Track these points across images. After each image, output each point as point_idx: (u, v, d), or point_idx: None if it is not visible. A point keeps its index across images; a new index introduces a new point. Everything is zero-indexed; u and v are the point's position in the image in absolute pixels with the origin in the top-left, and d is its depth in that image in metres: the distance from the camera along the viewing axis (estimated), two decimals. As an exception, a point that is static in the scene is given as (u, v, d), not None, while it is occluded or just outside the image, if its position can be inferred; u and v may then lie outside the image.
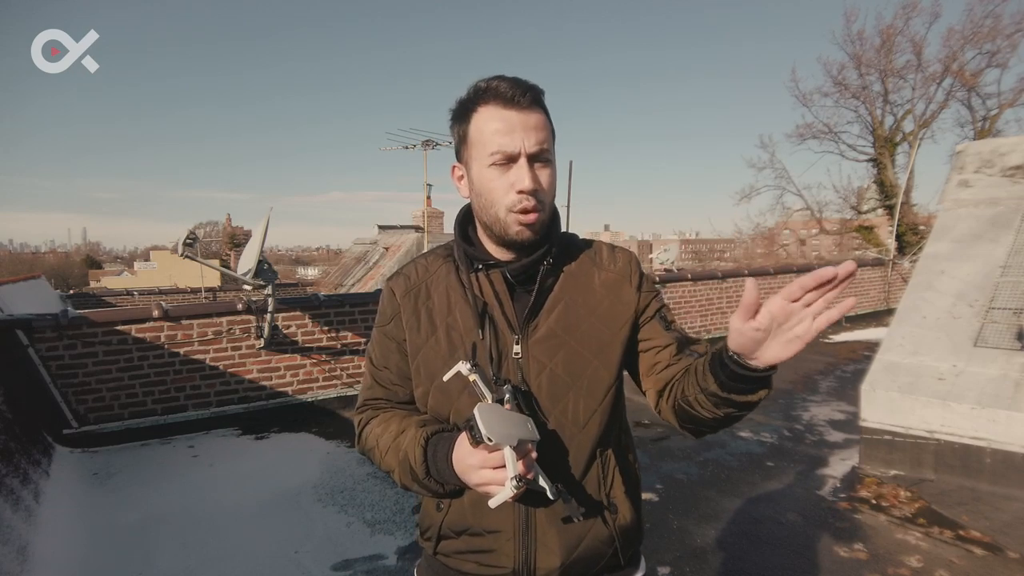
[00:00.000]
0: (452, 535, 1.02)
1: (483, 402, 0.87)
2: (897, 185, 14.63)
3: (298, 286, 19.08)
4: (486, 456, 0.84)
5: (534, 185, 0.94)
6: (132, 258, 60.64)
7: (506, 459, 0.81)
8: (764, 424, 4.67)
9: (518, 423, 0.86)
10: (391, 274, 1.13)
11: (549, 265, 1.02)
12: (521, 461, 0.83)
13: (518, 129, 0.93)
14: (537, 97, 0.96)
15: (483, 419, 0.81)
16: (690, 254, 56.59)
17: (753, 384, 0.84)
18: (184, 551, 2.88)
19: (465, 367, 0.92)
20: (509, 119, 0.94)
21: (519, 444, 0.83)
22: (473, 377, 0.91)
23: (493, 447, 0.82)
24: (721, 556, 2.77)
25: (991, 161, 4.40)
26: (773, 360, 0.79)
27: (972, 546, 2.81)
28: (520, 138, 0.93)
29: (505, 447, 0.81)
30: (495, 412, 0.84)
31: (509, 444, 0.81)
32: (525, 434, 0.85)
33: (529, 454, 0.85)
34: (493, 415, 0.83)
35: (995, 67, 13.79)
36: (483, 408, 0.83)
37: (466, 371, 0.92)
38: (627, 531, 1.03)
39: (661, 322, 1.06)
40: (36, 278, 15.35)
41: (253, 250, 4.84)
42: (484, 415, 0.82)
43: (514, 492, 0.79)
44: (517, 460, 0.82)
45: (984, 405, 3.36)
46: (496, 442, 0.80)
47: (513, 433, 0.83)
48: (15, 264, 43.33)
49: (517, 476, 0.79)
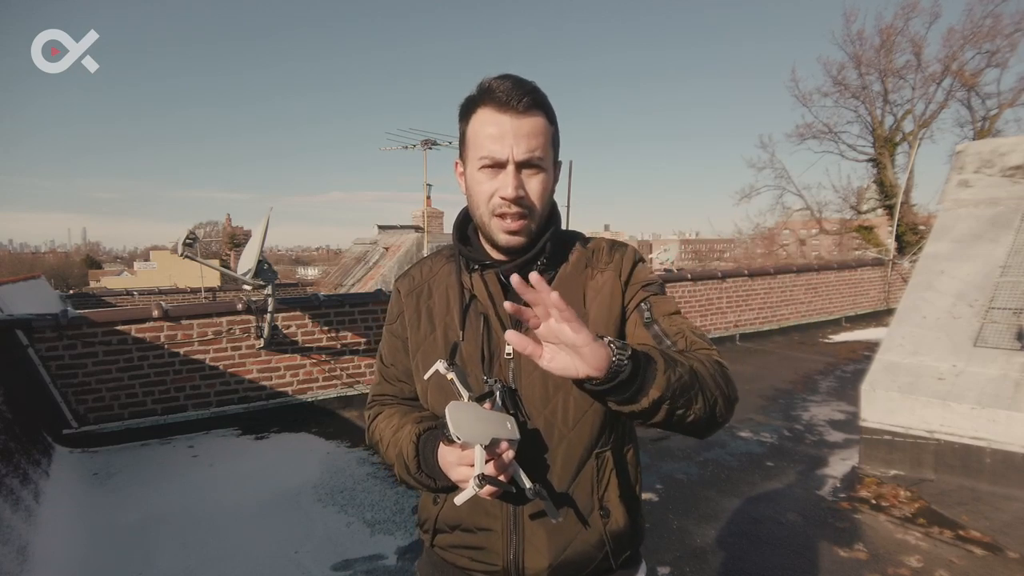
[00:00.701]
0: (447, 529, 1.04)
1: (457, 400, 0.87)
2: (897, 185, 14.64)
3: (298, 286, 19.09)
4: (460, 454, 0.85)
5: (516, 193, 0.94)
6: (132, 258, 60.65)
7: (475, 457, 0.82)
8: (764, 424, 4.67)
9: (494, 422, 0.86)
10: (400, 274, 1.16)
11: (543, 265, 1.02)
12: (492, 461, 0.83)
13: (509, 135, 0.93)
14: (536, 101, 0.96)
15: (453, 418, 0.82)
16: (690, 254, 56.64)
17: (618, 394, 0.81)
18: (184, 551, 2.88)
19: (443, 366, 0.92)
20: (501, 124, 0.94)
21: (491, 443, 0.83)
22: (451, 376, 0.92)
23: (463, 445, 0.82)
24: (721, 556, 2.77)
25: (991, 161, 4.40)
26: (585, 371, 0.77)
27: (972, 546, 2.81)
28: (510, 144, 0.93)
29: (476, 446, 0.82)
30: (468, 411, 0.85)
31: (480, 443, 0.82)
32: (501, 433, 0.85)
33: (503, 453, 0.85)
34: (465, 414, 0.84)
35: (995, 67, 13.82)
36: (455, 407, 0.84)
37: (443, 370, 0.92)
38: (619, 535, 1.01)
39: (641, 315, 1.02)
40: (36, 278, 15.36)
41: (253, 250, 4.84)
42: (455, 414, 0.82)
43: (475, 491, 0.80)
44: (487, 460, 0.83)
45: (984, 405, 3.36)
46: (464, 440, 0.81)
47: (486, 432, 0.83)
48: (15, 264, 43.31)
49: (480, 475, 0.80)
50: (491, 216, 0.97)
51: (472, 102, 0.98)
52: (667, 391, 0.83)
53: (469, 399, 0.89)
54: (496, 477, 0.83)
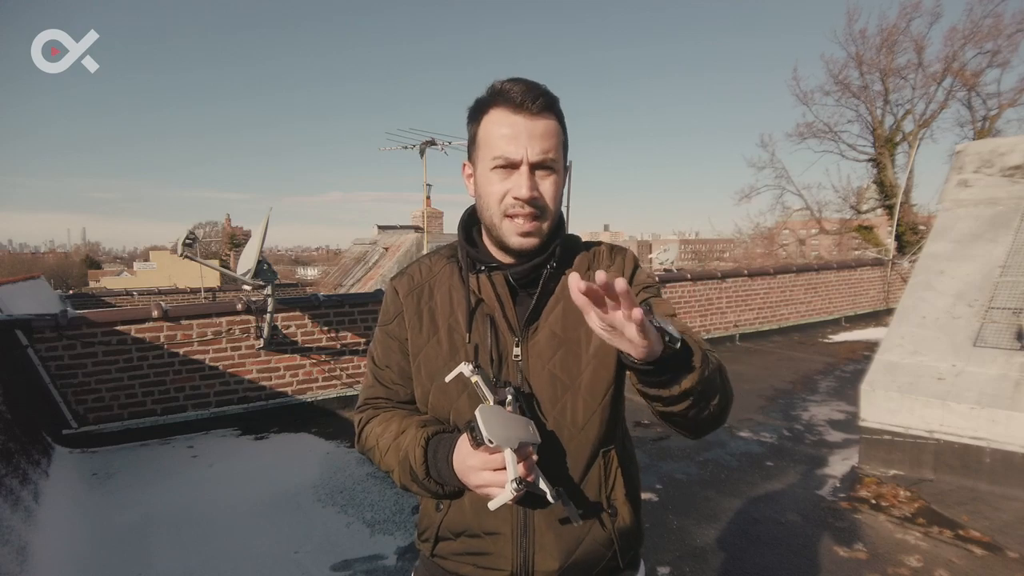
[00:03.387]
0: (450, 536, 1.02)
1: (485, 404, 0.87)
2: (897, 185, 14.64)
3: (298, 286, 19.11)
4: (487, 458, 0.84)
5: (531, 194, 0.94)
6: (132, 258, 60.66)
7: (507, 461, 0.81)
8: (764, 424, 4.67)
9: (519, 425, 0.86)
10: (395, 273, 1.13)
11: (553, 269, 1.01)
12: (522, 463, 0.83)
13: (523, 136, 0.93)
14: (549, 103, 0.96)
15: (485, 421, 0.81)
16: (690, 254, 56.63)
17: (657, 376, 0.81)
18: (183, 551, 2.88)
19: (468, 368, 0.92)
20: (515, 125, 0.94)
21: (520, 447, 0.83)
22: (476, 379, 0.91)
23: (494, 449, 0.82)
24: (721, 556, 2.77)
25: (990, 161, 4.40)
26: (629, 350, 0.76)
27: (972, 546, 2.81)
28: (524, 145, 0.93)
29: (506, 449, 0.81)
30: (497, 414, 0.84)
31: (510, 446, 0.81)
32: (526, 436, 0.85)
33: (530, 457, 0.85)
34: (495, 417, 0.83)
35: (995, 67, 13.82)
36: (485, 410, 0.83)
37: (469, 372, 0.92)
38: (627, 534, 1.02)
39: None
40: (36, 278, 15.36)
41: (253, 250, 4.84)
42: (486, 417, 0.82)
43: (514, 494, 0.79)
44: (517, 463, 0.82)
45: (984, 405, 3.36)
46: (497, 444, 0.80)
47: (514, 436, 0.83)
48: (15, 264, 43.28)
49: (517, 479, 0.79)
50: (502, 217, 0.96)
51: (483, 104, 0.98)
52: (698, 383, 0.83)
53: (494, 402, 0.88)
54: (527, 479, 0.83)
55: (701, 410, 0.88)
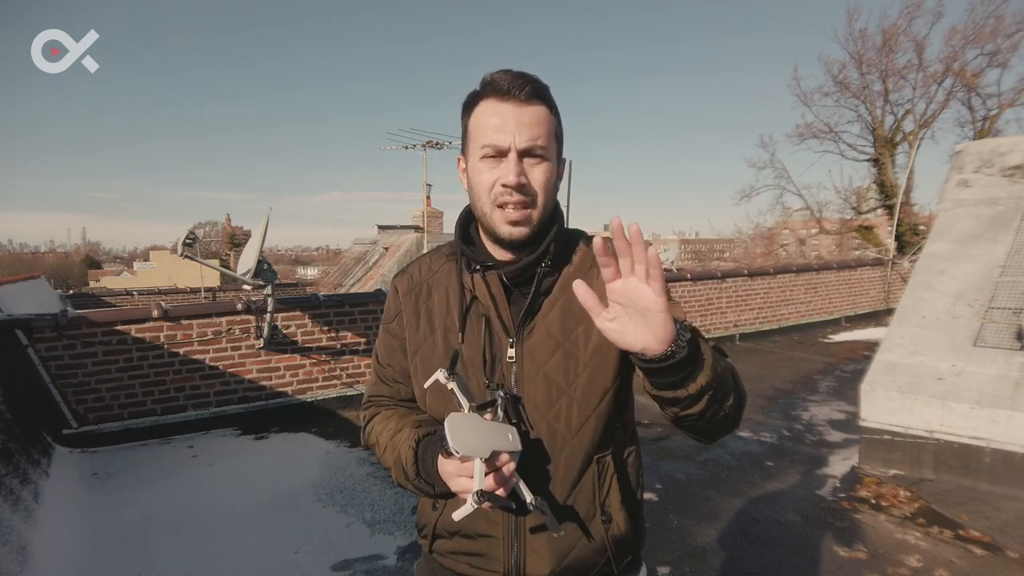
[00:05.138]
0: (446, 535, 1.02)
1: (458, 412, 0.85)
2: (897, 185, 14.65)
3: (298, 286, 19.10)
4: (460, 465, 0.83)
5: (518, 180, 0.91)
6: (132, 258, 60.63)
7: (475, 472, 0.80)
8: (764, 424, 4.67)
9: (495, 434, 0.84)
10: (398, 272, 1.12)
11: (547, 267, 0.99)
12: (492, 475, 0.81)
13: (511, 123, 0.92)
14: (538, 91, 0.94)
15: (452, 430, 0.79)
16: (690, 254, 56.58)
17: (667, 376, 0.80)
18: (183, 551, 2.88)
19: (443, 375, 0.89)
20: (503, 113, 0.92)
21: (492, 456, 0.81)
22: (451, 385, 0.88)
23: (463, 458, 0.80)
24: (721, 556, 2.77)
25: (990, 161, 4.40)
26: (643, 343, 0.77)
27: (972, 546, 2.81)
28: (512, 132, 0.92)
29: (475, 459, 0.80)
30: (469, 422, 0.82)
31: (480, 456, 0.79)
32: (502, 445, 0.83)
33: (504, 466, 0.83)
34: (465, 426, 0.81)
35: (996, 67, 13.83)
36: (455, 418, 0.81)
37: (443, 379, 0.89)
38: (621, 540, 1.00)
39: None
40: (36, 278, 15.36)
41: (253, 250, 4.84)
42: (454, 426, 0.80)
43: (474, 507, 0.78)
44: (487, 473, 0.80)
45: (984, 405, 3.36)
46: (463, 454, 0.78)
47: (486, 445, 0.81)
48: (15, 264, 43.28)
49: (479, 491, 0.77)
50: (492, 207, 0.94)
51: (475, 96, 0.97)
52: (712, 381, 0.82)
53: (470, 409, 0.86)
54: (495, 492, 0.81)
55: (716, 411, 0.86)
